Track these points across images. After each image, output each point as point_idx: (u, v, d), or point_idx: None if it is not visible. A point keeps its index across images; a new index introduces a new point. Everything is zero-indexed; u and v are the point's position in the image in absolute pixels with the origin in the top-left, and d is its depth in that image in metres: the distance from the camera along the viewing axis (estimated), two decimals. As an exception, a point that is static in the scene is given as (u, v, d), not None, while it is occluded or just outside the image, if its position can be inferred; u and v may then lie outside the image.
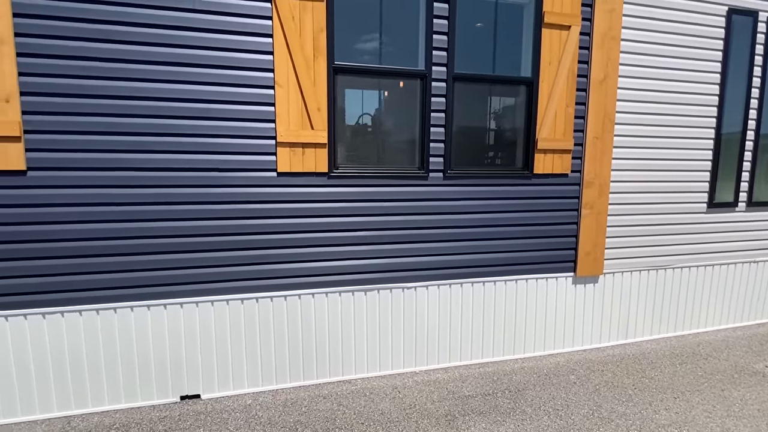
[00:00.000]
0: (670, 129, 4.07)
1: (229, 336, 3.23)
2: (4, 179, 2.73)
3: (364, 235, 3.41)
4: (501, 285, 3.81)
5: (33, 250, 2.80)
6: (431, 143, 3.47)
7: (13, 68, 2.66)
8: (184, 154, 2.99)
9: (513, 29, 3.66)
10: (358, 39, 3.32)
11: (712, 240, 4.45)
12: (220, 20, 2.94)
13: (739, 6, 4.12)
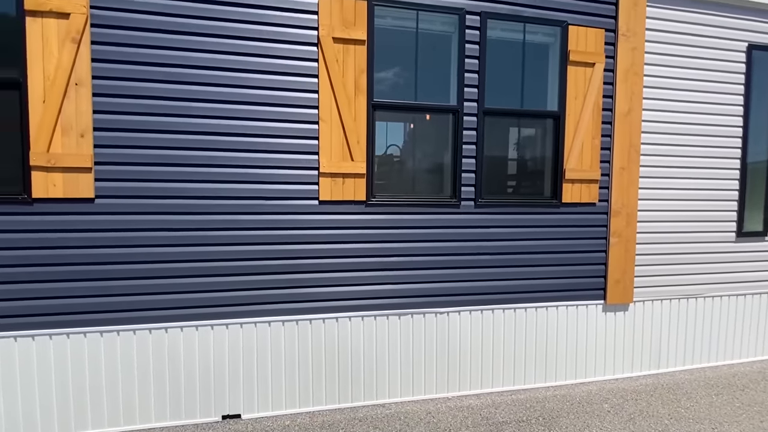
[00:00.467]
0: (695, 159, 4.17)
1: (269, 357, 3.37)
2: (75, 206, 2.99)
3: (399, 260, 3.55)
4: (532, 312, 3.88)
5: (102, 272, 3.03)
6: (463, 173, 3.65)
7: (89, 107, 2.96)
8: (235, 184, 3.22)
9: (539, 66, 3.87)
10: (394, 77, 3.57)
11: (743, 269, 4.44)
12: (272, 63, 3.22)
13: (759, 42, 4.27)
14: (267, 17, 3.19)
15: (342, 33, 3.31)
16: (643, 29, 3.94)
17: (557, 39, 3.80)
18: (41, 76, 2.89)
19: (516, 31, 3.73)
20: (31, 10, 2.85)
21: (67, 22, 2.90)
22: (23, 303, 2.93)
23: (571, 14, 3.77)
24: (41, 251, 2.95)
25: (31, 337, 2.97)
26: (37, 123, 2.89)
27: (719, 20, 4.15)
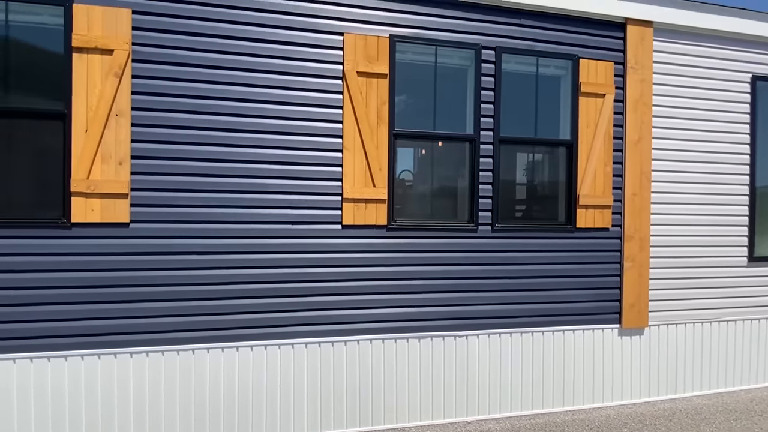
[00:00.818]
0: (705, 186, 4.28)
1: (292, 379, 3.42)
2: (112, 230, 3.12)
3: (419, 284, 3.64)
4: (549, 335, 3.93)
5: (138, 294, 3.14)
6: (480, 199, 3.77)
7: (127, 136, 3.13)
8: (262, 209, 3.35)
9: (552, 97, 4.04)
10: (414, 107, 3.74)
11: (756, 294, 4.49)
12: (299, 95, 3.40)
13: (762, 73, 4.44)
14: (296, 53, 3.39)
15: (365, 67, 3.49)
16: (651, 62, 4.11)
17: (569, 71, 3.98)
18: (84, 108, 3.07)
19: (529, 64, 3.92)
20: (78, 47, 3.05)
21: (110, 57, 3.10)
22: (62, 324, 3.03)
23: (582, 48, 3.96)
24: (79, 273, 3.07)
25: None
26: (78, 151, 3.05)
27: (723, 53, 4.32)
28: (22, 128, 3.12)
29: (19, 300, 2.98)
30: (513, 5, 3.78)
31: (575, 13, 3.91)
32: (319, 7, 3.43)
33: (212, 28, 3.27)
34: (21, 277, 2.98)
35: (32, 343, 2.99)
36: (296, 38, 3.40)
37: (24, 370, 2.99)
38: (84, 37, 3.05)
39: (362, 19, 3.51)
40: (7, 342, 2.95)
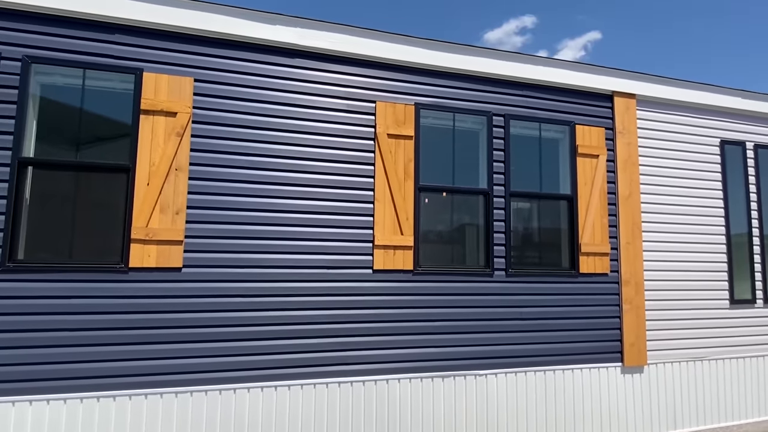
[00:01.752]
0: (688, 235, 4.81)
1: (325, 418, 3.60)
2: (165, 274, 3.37)
3: (441, 325, 3.94)
4: (560, 374, 4.24)
5: (190, 335, 3.36)
6: (494, 246, 4.17)
7: (185, 188, 3.46)
8: (302, 255, 3.67)
9: (554, 157, 4.57)
10: (435, 164, 4.18)
11: (738, 334, 4.93)
12: (338, 153, 3.82)
13: (729, 138, 5.12)
14: (335, 117, 3.85)
15: (395, 130, 3.97)
16: (635, 128, 4.74)
17: (566, 135, 4.54)
18: (147, 163, 3.40)
19: (533, 128, 4.47)
20: (145, 110, 3.43)
21: (174, 119, 3.48)
22: (117, 364, 3.20)
23: (577, 116, 4.56)
24: (134, 315, 3.28)
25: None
26: (140, 202, 3.35)
27: (695, 120, 5.00)
28: (89, 180, 3.41)
29: (79, 341, 3.15)
30: (518, 79, 4.37)
31: (571, 86, 4.53)
32: (356, 80, 3.94)
33: (262, 95, 3.72)
34: (82, 318, 3.18)
35: (95, 383, 3.16)
36: (336, 105, 3.87)
37: (90, 409, 3.12)
38: (151, 101, 3.45)
39: (392, 89, 4.03)
40: (71, 382, 3.10)
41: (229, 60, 3.67)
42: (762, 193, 5.18)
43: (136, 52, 3.49)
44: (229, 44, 3.68)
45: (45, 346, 3.13)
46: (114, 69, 3.44)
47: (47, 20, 3.34)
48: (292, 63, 3.81)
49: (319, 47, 3.84)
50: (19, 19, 3.29)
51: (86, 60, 3.39)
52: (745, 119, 5.22)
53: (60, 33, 3.36)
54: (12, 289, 3.12)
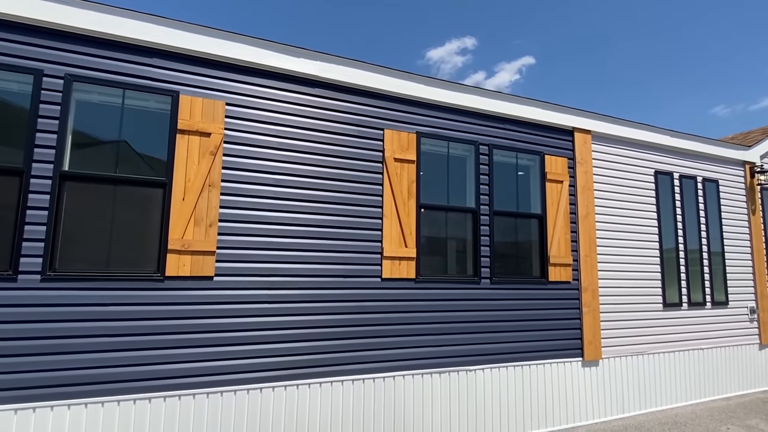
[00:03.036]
0: (632, 249, 5.75)
1: (340, 414, 3.99)
2: (198, 283, 3.64)
3: (438, 326, 4.48)
4: (534, 368, 4.92)
5: (221, 339, 3.64)
6: (481, 258, 4.81)
7: (217, 203, 3.76)
8: (319, 265, 4.07)
9: (527, 181, 5.33)
10: (433, 185, 4.76)
11: (669, 332, 5.93)
12: (352, 174, 4.29)
13: (661, 169, 6.19)
14: (350, 142, 4.32)
15: (400, 155, 4.51)
16: (591, 158, 5.63)
17: (537, 163, 5.33)
18: (183, 179, 3.67)
19: (512, 157, 5.20)
20: (182, 129, 3.71)
21: (208, 139, 3.79)
22: (155, 367, 3.42)
23: (546, 147, 5.36)
24: (167, 321, 3.51)
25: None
26: (176, 215, 3.61)
27: (636, 153, 6.02)
28: (127, 194, 3.61)
29: (117, 346, 3.34)
30: (500, 114, 5.10)
31: (541, 122, 5.34)
32: (367, 109, 4.45)
33: (286, 120, 4.11)
34: (120, 325, 3.37)
35: (136, 385, 3.37)
36: (350, 131, 4.34)
37: (127, 412, 3.29)
38: (187, 121, 3.73)
39: (397, 119, 4.57)
40: (110, 385, 3.27)
41: (257, 87, 4.04)
42: (685, 214, 6.30)
43: (173, 76, 3.77)
44: (257, 72, 4.05)
45: (86, 352, 3.28)
46: (152, 90, 3.69)
47: (89, 41, 3.55)
48: (312, 92, 4.25)
49: (337, 79, 4.31)
50: (63, 39, 3.48)
51: (125, 81, 3.62)
52: (673, 154, 6.34)
53: (101, 54, 3.58)
54: (52, 297, 3.25)
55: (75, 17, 3.47)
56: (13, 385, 3.11)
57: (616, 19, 65.11)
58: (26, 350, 3.16)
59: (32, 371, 3.16)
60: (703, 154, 6.59)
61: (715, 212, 6.58)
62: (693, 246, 6.32)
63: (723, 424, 5.22)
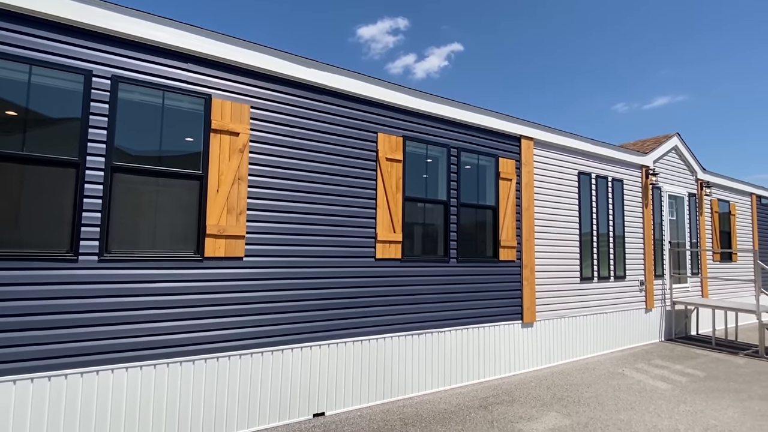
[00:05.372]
0: (559, 234, 7.19)
1: (344, 369, 4.86)
2: (230, 262, 4.26)
3: (418, 297, 5.49)
4: (487, 329, 6.14)
5: (253, 309, 4.32)
6: (450, 241, 5.87)
7: (245, 194, 4.37)
8: (328, 248, 4.84)
9: (484, 179, 6.45)
10: (415, 182, 5.68)
11: (584, 300, 7.51)
12: (352, 170, 5.07)
13: (583, 170, 7.69)
14: (350, 143, 5.09)
15: (390, 155, 5.36)
16: (532, 161, 6.91)
17: (493, 164, 6.47)
18: (217, 173, 4.23)
19: (474, 158, 6.28)
20: (215, 129, 4.25)
21: (236, 138, 4.35)
22: (197, 334, 4.02)
23: (500, 151, 6.52)
24: (207, 295, 4.11)
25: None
26: (212, 204, 4.18)
27: (565, 157, 7.42)
28: (169, 185, 4.08)
29: (165, 318, 3.90)
30: (466, 122, 6.13)
31: (497, 129, 6.47)
32: (365, 115, 5.22)
33: (299, 122, 4.77)
34: (164, 299, 3.92)
35: (176, 350, 3.99)
36: (351, 134, 5.11)
37: (175, 374, 3.89)
38: (219, 122, 4.27)
39: (388, 124, 5.41)
40: (157, 350, 3.84)
41: (277, 93, 4.64)
42: (599, 207, 7.89)
43: (206, 80, 4.26)
44: (277, 80, 4.65)
45: (138, 322, 3.81)
46: (188, 93, 4.17)
47: (131, 45, 3.93)
48: (321, 99, 4.93)
49: (341, 88, 5.02)
50: (110, 42, 3.83)
51: (164, 83, 4.06)
52: (592, 158, 7.86)
53: (142, 57, 3.98)
54: (108, 276, 3.72)
55: (120, 22, 3.84)
56: (78, 351, 3.57)
57: (534, 20, 69.94)
58: (88, 322, 3.62)
59: (94, 340, 3.63)
60: (614, 159, 8.23)
61: (620, 205, 8.29)
62: (603, 231, 7.96)
63: (619, 367, 6.89)
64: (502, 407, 5.03)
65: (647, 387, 5.88)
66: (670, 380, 6.22)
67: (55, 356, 3.48)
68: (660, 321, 8.94)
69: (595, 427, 4.51)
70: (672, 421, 4.72)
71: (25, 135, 3.50)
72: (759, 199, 12.67)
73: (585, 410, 4.98)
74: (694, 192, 10.25)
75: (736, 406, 5.19)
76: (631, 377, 6.33)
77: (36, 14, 3.55)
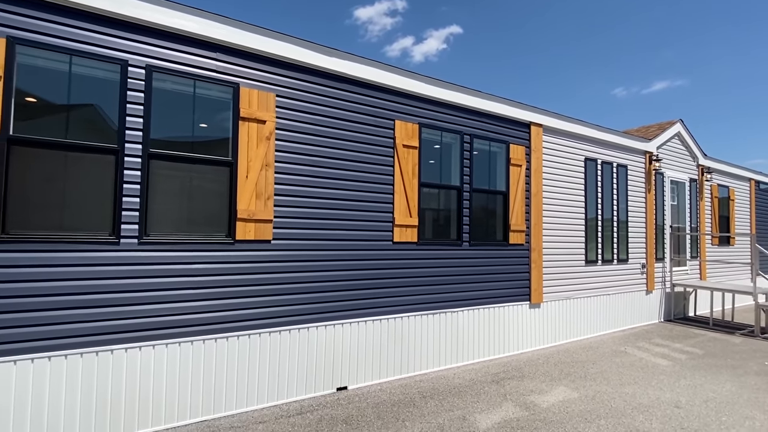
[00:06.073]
0: (566, 219, 7.42)
1: (364, 347, 5.12)
2: (260, 245, 4.47)
3: (433, 278, 5.73)
4: (497, 309, 6.41)
5: (281, 290, 4.56)
6: (463, 226, 6.08)
7: (272, 180, 4.55)
8: (349, 231, 5.05)
9: (496, 165, 6.64)
10: (429, 168, 5.87)
11: (588, 282, 7.79)
12: (370, 157, 5.24)
13: (589, 156, 7.88)
14: (369, 130, 5.25)
15: (407, 142, 5.54)
16: (542, 147, 7.09)
17: (504, 150, 6.65)
18: (246, 160, 4.40)
19: (486, 144, 6.45)
20: (243, 117, 4.40)
21: (263, 126, 4.51)
22: (230, 313, 4.26)
23: (511, 137, 6.69)
24: (238, 276, 4.33)
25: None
26: (241, 190, 4.36)
27: (572, 143, 7.60)
28: (201, 172, 4.25)
29: (201, 297, 4.12)
30: (479, 109, 6.29)
31: (508, 116, 6.63)
32: (383, 103, 5.38)
33: (322, 111, 4.92)
34: (200, 280, 4.14)
35: (211, 328, 4.26)
36: (370, 121, 5.27)
37: (210, 350, 4.13)
38: (247, 110, 4.43)
39: (405, 111, 5.57)
40: (194, 328, 4.08)
41: (300, 81, 4.79)
42: (604, 192, 8.11)
43: (234, 70, 4.40)
44: (300, 69, 4.79)
45: (176, 301, 4.03)
46: (217, 82, 4.31)
47: (165, 35, 4.06)
48: (341, 87, 5.08)
49: (360, 76, 5.16)
50: (143, 32, 3.96)
51: (195, 72, 4.20)
52: (598, 144, 8.05)
53: (174, 47, 4.11)
54: (147, 257, 3.92)
55: (152, 13, 3.96)
56: (122, 329, 3.79)
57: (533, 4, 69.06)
58: (132, 301, 3.84)
59: (136, 318, 3.85)
60: (619, 145, 8.42)
61: (624, 190, 8.51)
62: (607, 216, 8.20)
63: (621, 346, 7.20)
64: (513, 382, 5.33)
65: (649, 364, 6.19)
66: (670, 357, 6.54)
67: (101, 333, 3.71)
68: (660, 302, 9.25)
69: (602, 399, 4.80)
70: (674, 393, 5.02)
71: (68, 123, 3.66)
72: (758, 184, 12.92)
73: (592, 384, 5.27)
74: (695, 177, 10.47)
75: (733, 381, 5.50)
76: (634, 355, 6.64)
77: (74, 5, 3.67)
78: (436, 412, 4.40)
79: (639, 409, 4.54)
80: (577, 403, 4.69)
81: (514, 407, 4.55)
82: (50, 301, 3.53)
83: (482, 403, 4.63)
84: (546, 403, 4.68)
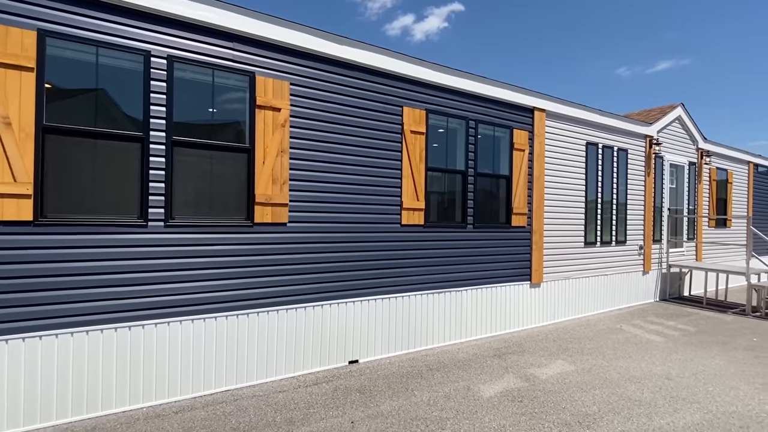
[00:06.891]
0: (566, 202, 7.65)
1: (374, 323, 5.42)
2: (277, 227, 4.71)
3: (439, 260, 6.00)
4: (500, 288, 6.70)
5: (296, 269, 4.83)
6: (467, 209, 6.32)
7: (287, 166, 4.77)
8: (359, 214, 5.30)
9: (499, 150, 6.84)
10: (436, 153, 6.07)
11: (587, 263, 8.07)
12: (380, 143, 5.45)
13: (591, 141, 8.06)
14: (378, 117, 5.44)
15: (414, 128, 5.73)
16: (544, 132, 7.27)
17: (507, 135, 6.84)
18: (262, 146, 4.61)
19: (490, 130, 6.64)
20: (259, 105, 4.59)
21: (279, 113, 4.71)
22: (250, 291, 4.55)
23: (514, 122, 6.87)
24: (257, 257, 4.59)
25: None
26: (259, 175, 4.58)
27: (574, 128, 7.77)
28: (221, 158, 4.47)
29: (220, 276, 4.39)
30: (484, 95, 6.45)
31: (512, 102, 6.79)
32: (392, 90, 5.55)
33: (333, 98, 5.10)
34: (222, 260, 4.40)
35: (233, 305, 4.57)
36: (379, 108, 5.45)
37: (232, 326, 4.43)
38: (263, 98, 4.61)
39: (413, 98, 5.74)
40: (217, 305, 4.36)
41: (313, 69, 4.96)
42: (604, 175, 8.32)
43: (251, 59, 4.57)
44: (313, 57, 4.95)
45: (200, 280, 4.30)
46: (234, 71, 4.49)
47: (185, 26, 4.22)
48: (352, 74, 5.24)
49: (370, 64, 5.32)
50: (165, 23, 4.13)
51: (213, 62, 4.38)
52: (599, 128, 8.22)
53: (194, 38, 4.27)
54: (173, 239, 4.18)
55: (173, 4, 4.11)
56: (148, 305, 4.07)
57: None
58: (159, 280, 4.11)
59: (165, 295, 4.13)
60: (620, 129, 8.59)
61: (624, 174, 8.72)
62: (607, 199, 8.43)
63: (618, 323, 7.52)
64: (514, 356, 5.65)
65: (643, 340, 6.51)
66: (663, 334, 6.86)
67: (134, 309, 3.99)
68: (656, 282, 9.57)
69: (597, 372, 5.13)
70: (665, 367, 5.34)
71: (97, 112, 3.86)
72: (756, 167, 13.10)
73: (588, 359, 5.60)
74: (694, 161, 10.66)
75: (722, 356, 5.83)
76: (629, 332, 6.96)
77: (99, -2, 3.83)
78: (443, 382, 4.72)
79: (632, 381, 4.86)
80: (574, 375, 5.01)
81: (515, 379, 4.87)
82: (84, 280, 3.79)
83: (485, 375, 4.96)
84: (545, 375, 5.00)
